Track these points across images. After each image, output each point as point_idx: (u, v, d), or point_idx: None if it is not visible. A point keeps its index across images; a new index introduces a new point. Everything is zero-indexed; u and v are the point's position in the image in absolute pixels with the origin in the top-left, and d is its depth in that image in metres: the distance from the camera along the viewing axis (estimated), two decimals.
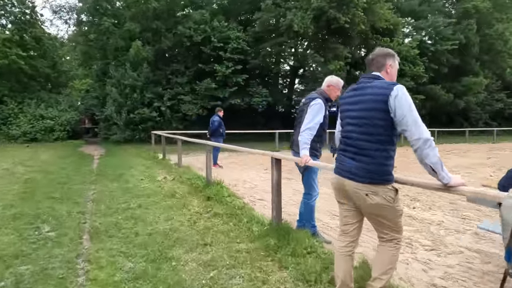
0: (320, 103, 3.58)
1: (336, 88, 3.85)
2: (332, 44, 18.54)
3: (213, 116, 10.14)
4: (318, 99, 3.59)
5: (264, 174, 9.26)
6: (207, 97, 19.70)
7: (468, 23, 24.10)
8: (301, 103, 3.81)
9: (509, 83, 29.68)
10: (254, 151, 5.36)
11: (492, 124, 29.91)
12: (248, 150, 5.37)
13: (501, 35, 25.47)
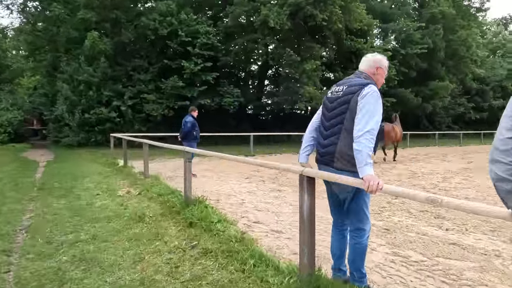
0: (377, 91, 2.35)
1: (385, 73, 2.67)
2: (308, 42, 17.68)
3: (186, 116, 8.67)
4: (371, 85, 2.36)
5: (247, 184, 7.96)
6: (174, 96, 18.01)
7: (435, 28, 24.49)
8: (334, 92, 2.53)
9: (469, 88, 30.81)
10: (259, 163, 3.84)
11: (454, 127, 30.90)
12: (247, 161, 4.00)
13: (464, 41, 26.23)
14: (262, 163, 3.16)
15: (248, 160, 3.56)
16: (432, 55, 24.75)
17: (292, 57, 16.72)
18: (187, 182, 4.99)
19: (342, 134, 2.36)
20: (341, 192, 2.52)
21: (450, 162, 13.21)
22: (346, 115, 2.34)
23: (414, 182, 8.34)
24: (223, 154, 4.87)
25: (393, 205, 5.83)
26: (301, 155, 2.73)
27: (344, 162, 2.35)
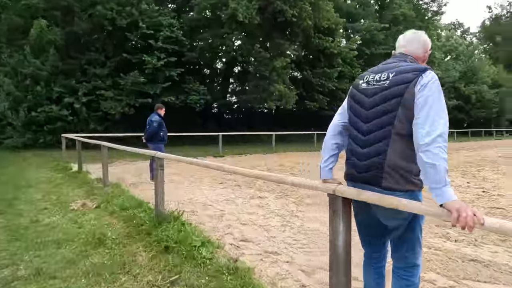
0: (437, 79, 1.71)
1: (428, 54, 2.04)
2: (277, 39, 17.14)
3: (152, 115, 7.68)
4: (431, 71, 1.70)
5: (223, 190, 7.17)
6: (134, 93, 16.65)
7: (397, 29, 25.07)
8: (372, 82, 1.83)
9: None
10: (277, 179, 2.96)
11: None
12: (254, 174, 3.19)
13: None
14: (280, 179, 2.41)
15: (257, 174, 2.78)
16: None
17: (261, 53, 16.09)
18: (160, 194, 4.11)
19: (392, 140, 1.69)
20: (390, 219, 1.85)
21: None
22: (398, 113, 1.67)
23: None
24: (210, 162, 4.08)
25: None
26: (323, 170, 2.04)
27: (396, 178, 1.69)
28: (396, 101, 1.67)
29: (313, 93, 21.08)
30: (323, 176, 2.02)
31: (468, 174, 9.59)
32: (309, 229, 4.42)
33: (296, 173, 9.83)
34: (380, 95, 1.74)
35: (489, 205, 5.79)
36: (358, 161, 1.81)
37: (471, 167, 11.35)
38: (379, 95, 1.75)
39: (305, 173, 9.68)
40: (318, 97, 21.13)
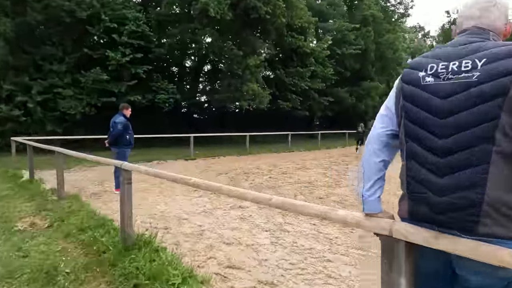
0: None
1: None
2: (250, 36, 16.55)
3: (116, 115, 6.80)
4: None
5: (199, 199, 6.46)
6: (96, 92, 15.38)
7: (367, 30, 25.38)
8: (445, 74, 1.23)
9: None
10: (302, 207, 2.25)
11: None
12: (259, 198, 2.55)
13: (391, 45, 27.78)
14: (304, 207, 1.78)
15: (256, 196, 2.14)
16: (364, 56, 25.65)
17: (234, 51, 15.42)
18: (127, 214, 3.37)
19: (492, 163, 1.12)
20: (479, 274, 1.25)
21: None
22: (500, 121, 1.12)
23: None
24: (183, 177, 3.39)
25: None
26: (368, 200, 1.46)
27: (502, 221, 1.13)
28: (495, 103, 1.11)
29: (286, 92, 20.73)
30: (369, 209, 1.44)
31: None
32: (304, 247, 3.86)
33: (275, 176, 9.30)
34: (466, 95, 1.17)
35: None
36: (434, 196, 1.21)
37: None
38: (463, 95, 1.17)
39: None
40: (291, 97, 20.80)
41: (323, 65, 22.43)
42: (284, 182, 8.32)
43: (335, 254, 3.71)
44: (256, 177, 9.13)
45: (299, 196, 6.77)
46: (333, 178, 9.03)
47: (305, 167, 11.17)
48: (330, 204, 5.95)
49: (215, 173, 9.91)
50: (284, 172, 10.13)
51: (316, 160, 13.60)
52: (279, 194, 6.93)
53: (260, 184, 8.06)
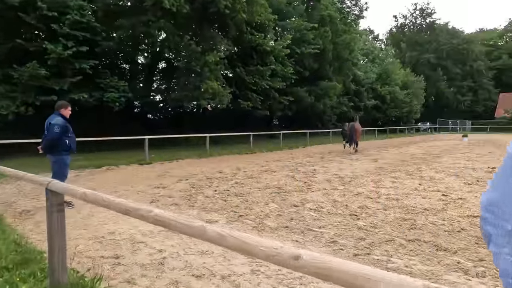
0: None
1: None
2: (208, 32, 15.62)
3: (52, 116, 5.63)
4: None
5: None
6: (34, 89, 13.55)
7: (324, 30, 25.54)
8: None
9: (349, 89, 33.70)
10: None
11: (338, 125, 33.41)
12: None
13: (347, 45, 28.28)
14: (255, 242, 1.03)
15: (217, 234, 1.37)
16: (322, 56, 25.78)
17: (192, 46, 14.41)
18: (58, 254, 2.41)
19: None
20: None
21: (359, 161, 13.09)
22: None
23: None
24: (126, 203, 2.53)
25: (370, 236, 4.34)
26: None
27: None
28: None
29: (247, 91, 20.06)
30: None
31: (413, 174, 9.42)
32: (293, 275, 3.16)
33: (241, 180, 8.56)
34: None
35: (465, 213, 5.26)
36: None
37: (409, 165, 11.44)
38: None
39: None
40: (252, 96, 20.18)
41: (283, 64, 22.10)
42: (252, 188, 7.60)
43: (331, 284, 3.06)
44: (220, 183, 8.32)
45: (271, 204, 6.10)
46: (303, 181, 8.49)
47: (270, 170, 10.56)
48: (306, 214, 5.34)
49: (174, 179, 8.94)
50: (250, 176, 9.42)
51: (281, 161, 13.08)
52: (249, 202, 6.20)
53: (226, 191, 7.27)
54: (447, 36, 58.27)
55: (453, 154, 15.08)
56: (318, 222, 4.91)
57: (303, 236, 4.29)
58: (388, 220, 4.98)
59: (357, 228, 4.58)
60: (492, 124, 46.67)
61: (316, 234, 4.32)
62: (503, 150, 17.10)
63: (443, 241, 4.03)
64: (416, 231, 4.44)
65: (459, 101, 56.56)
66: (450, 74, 56.58)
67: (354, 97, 34.64)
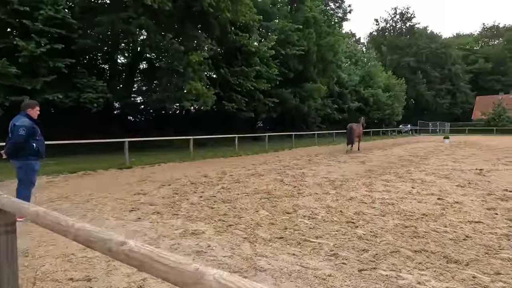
0: None
1: None
2: (192, 31, 15.08)
3: (17, 117, 5.04)
4: None
5: (136, 223, 5.02)
6: (3, 89, 12.68)
7: (309, 31, 25.42)
8: None
9: (333, 91, 33.77)
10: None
11: (322, 127, 33.42)
12: None
13: (332, 47, 28.28)
14: None
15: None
16: (307, 57, 25.64)
17: (174, 45, 13.84)
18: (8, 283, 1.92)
19: None
20: None
21: (347, 163, 12.86)
22: None
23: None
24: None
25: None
26: None
27: None
28: None
29: (231, 93, 19.60)
30: None
31: (403, 177, 9.22)
32: None
33: (227, 185, 8.11)
34: None
35: (466, 219, 5.00)
36: None
37: (397, 168, 11.27)
38: None
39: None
40: (236, 98, 19.73)
41: (268, 65, 21.78)
42: (240, 193, 7.17)
43: None
44: (206, 188, 7.84)
45: (261, 211, 5.68)
46: (292, 185, 8.12)
47: (258, 173, 10.15)
48: (300, 222, 4.95)
49: (156, 184, 8.40)
50: (236, 180, 8.97)
51: (267, 164, 12.69)
52: (237, 210, 5.77)
53: (212, 197, 6.81)
54: (426, 40, 59.68)
55: (439, 156, 15.11)
56: (314, 231, 4.53)
57: (300, 248, 3.89)
58: (388, 227, 4.66)
59: (357, 238, 4.23)
60: (470, 126, 47.97)
61: (314, 246, 3.94)
62: (485, 152, 17.36)
63: (451, 252, 3.72)
64: (420, 240, 4.12)
65: (438, 103, 57.93)
66: (430, 77, 57.93)
67: (338, 99, 34.75)
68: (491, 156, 14.50)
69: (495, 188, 7.33)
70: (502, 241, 4.07)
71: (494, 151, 17.48)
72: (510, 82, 60.56)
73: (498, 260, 3.47)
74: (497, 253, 3.67)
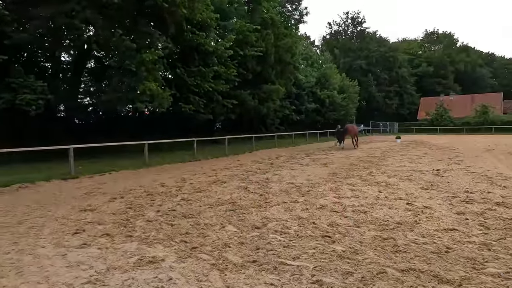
0: None
1: None
2: (145, 27, 14.04)
3: None
4: None
5: (81, 250, 4.25)
6: None
7: (267, 32, 25.23)
8: None
9: (290, 92, 33.98)
10: None
11: (280, 128, 33.48)
12: None
13: (289, 49, 28.36)
14: None
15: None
16: (265, 58, 25.42)
17: (126, 42, 12.75)
18: None
19: None
20: None
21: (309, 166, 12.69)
22: None
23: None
24: None
25: None
26: None
27: None
28: None
29: (188, 94, 18.71)
30: None
31: (367, 180, 9.15)
32: None
33: (187, 195, 7.42)
34: None
35: (441, 227, 4.86)
36: None
37: (359, 170, 11.27)
38: None
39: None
40: (194, 99, 18.88)
41: (226, 65, 21.17)
42: (202, 205, 6.55)
43: None
44: (164, 200, 7.11)
45: (228, 227, 5.13)
46: (258, 193, 7.65)
47: (220, 181, 9.55)
48: (273, 239, 4.49)
49: (107, 197, 7.49)
50: (197, 189, 8.32)
51: (229, 169, 12.12)
52: (201, 226, 5.15)
53: (171, 211, 6.12)
54: (375, 44, 62.69)
55: (395, 156, 15.53)
56: (289, 250, 4.07)
57: (277, 275, 3.40)
58: (366, 241, 4.35)
59: (337, 256, 3.84)
60: (416, 126, 51.12)
61: (293, 271, 3.47)
62: (435, 151, 18.27)
63: (438, 268, 3.46)
64: (403, 255, 3.84)
65: (387, 104, 61.08)
66: (380, 80, 60.93)
67: (295, 101, 35.05)
68: (442, 156, 15.19)
69: (457, 190, 7.43)
70: (483, 251, 3.91)
71: (443, 150, 18.44)
72: (449, 85, 65.70)
73: (489, 277, 3.25)
74: (484, 267, 3.47)
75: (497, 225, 4.86)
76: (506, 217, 5.24)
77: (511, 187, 7.60)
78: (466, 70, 69.17)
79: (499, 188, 7.48)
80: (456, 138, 32.24)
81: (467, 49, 73.43)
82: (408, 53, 69.07)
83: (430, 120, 49.44)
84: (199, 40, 18.07)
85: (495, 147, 19.19)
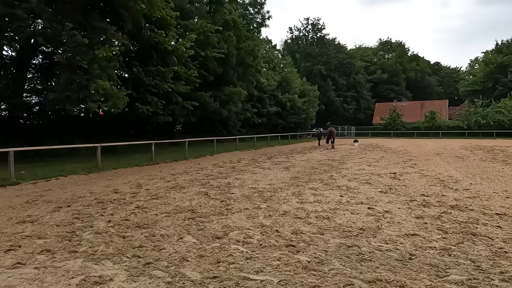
0: None
1: None
2: (98, 22, 13.14)
3: None
4: None
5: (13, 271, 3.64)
6: None
7: (228, 34, 24.97)
8: None
9: (252, 95, 33.97)
10: None
11: (242, 131, 33.31)
12: None
13: (251, 51, 28.30)
14: None
15: None
16: (227, 60, 25.13)
17: (76, 37, 11.82)
18: None
19: None
20: None
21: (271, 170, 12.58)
22: None
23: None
24: None
25: None
26: None
27: None
28: None
29: (146, 94, 17.89)
30: None
31: (328, 184, 9.18)
32: None
33: (143, 203, 6.92)
34: None
35: (402, 232, 4.87)
36: None
37: (320, 173, 11.35)
38: None
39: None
40: (152, 100, 18.08)
41: (187, 66, 20.58)
42: (159, 213, 6.11)
43: None
44: (117, 208, 6.56)
45: (186, 238, 4.78)
46: (219, 199, 7.34)
47: (179, 186, 9.10)
48: (235, 251, 4.22)
49: (51, 206, 6.78)
50: (154, 195, 7.82)
51: (189, 174, 11.65)
52: (157, 237, 4.75)
53: (124, 221, 5.62)
54: (334, 50, 64.82)
55: (353, 159, 15.92)
56: (252, 262, 3.82)
57: None
58: (330, 249, 4.22)
59: (302, 268, 3.65)
60: (372, 130, 53.47)
61: (257, 287, 3.22)
62: (390, 154, 19.07)
63: (404, 277, 3.38)
64: (369, 264, 3.74)
65: (345, 109, 63.35)
66: (338, 85, 63.05)
67: (257, 104, 35.10)
68: (397, 159, 15.83)
69: (413, 193, 7.64)
70: (444, 257, 3.93)
71: (397, 153, 19.28)
72: (401, 91, 69.64)
73: (453, 285, 3.22)
74: (447, 275, 3.46)
75: (454, 229, 4.97)
76: (461, 220, 5.40)
77: (461, 190, 7.97)
78: (416, 78, 73.81)
79: (452, 191, 7.81)
80: (408, 142, 34.07)
81: (417, 58, 78.41)
82: (364, 60, 72.27)
83: (384, 125, 51.91)
84: (158, 38, 17.36)
85: (444, 151, 20.45)
